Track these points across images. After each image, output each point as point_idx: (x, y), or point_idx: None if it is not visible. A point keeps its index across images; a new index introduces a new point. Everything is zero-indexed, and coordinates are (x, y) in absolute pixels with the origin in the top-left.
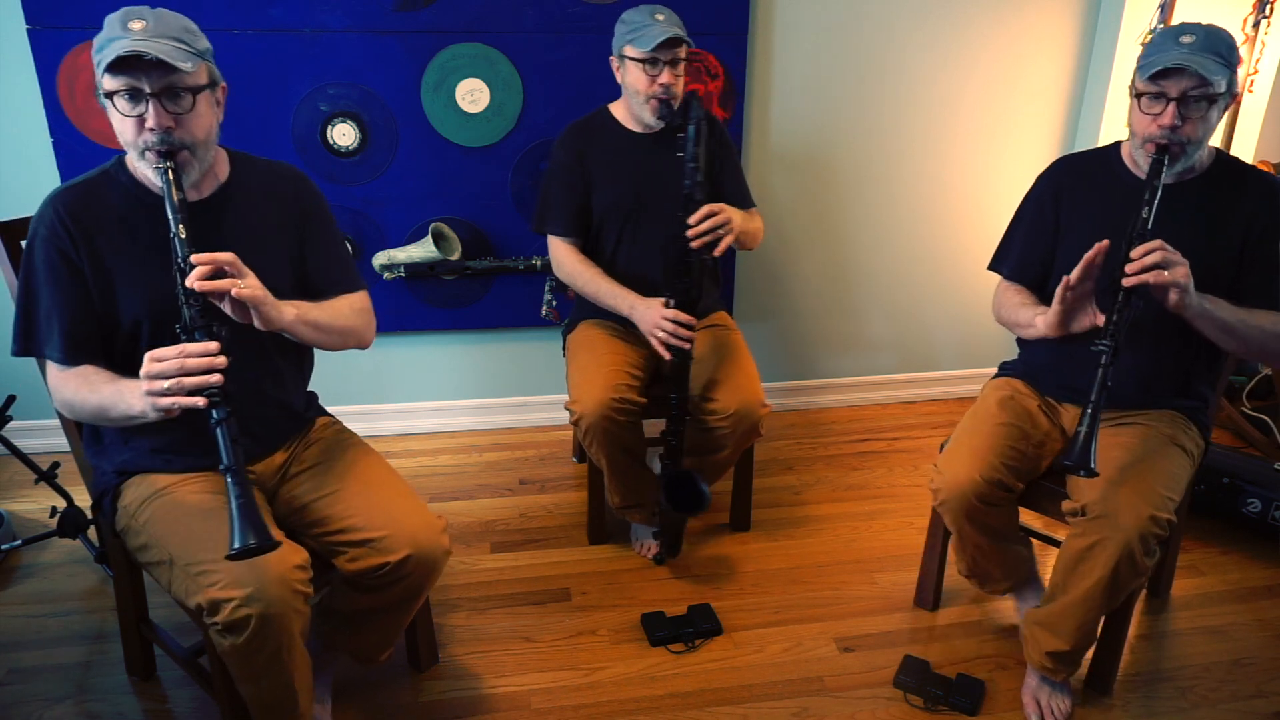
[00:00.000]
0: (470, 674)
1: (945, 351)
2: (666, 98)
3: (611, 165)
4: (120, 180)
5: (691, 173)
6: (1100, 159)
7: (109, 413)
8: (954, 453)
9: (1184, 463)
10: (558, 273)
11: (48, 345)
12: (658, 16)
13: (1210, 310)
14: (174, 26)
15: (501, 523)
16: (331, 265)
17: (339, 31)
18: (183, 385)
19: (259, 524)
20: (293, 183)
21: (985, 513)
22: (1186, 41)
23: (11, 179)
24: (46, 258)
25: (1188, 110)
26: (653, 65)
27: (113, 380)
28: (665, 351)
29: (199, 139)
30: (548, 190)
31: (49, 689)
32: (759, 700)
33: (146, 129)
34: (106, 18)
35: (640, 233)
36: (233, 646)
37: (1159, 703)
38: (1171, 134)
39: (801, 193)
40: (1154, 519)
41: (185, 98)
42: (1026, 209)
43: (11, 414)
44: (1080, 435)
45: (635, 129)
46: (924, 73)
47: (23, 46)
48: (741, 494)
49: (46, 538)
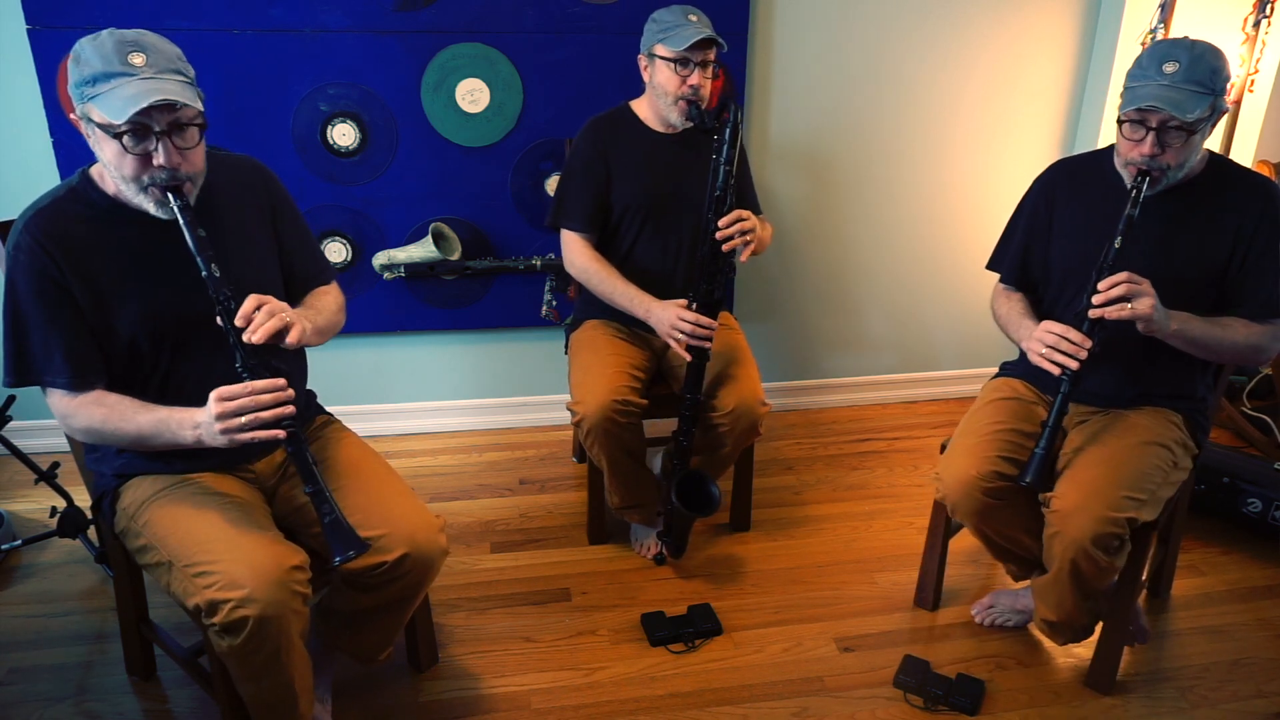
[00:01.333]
0: (470, 674)
1: (945, 351)
2: (695, 99)
3: (633, 163)
4: (90, 197)
5: (725, 175)
6: (1094, 163)
7: (149, 442)
8: (951, 454)
9: (1161, 462)
10: (569, 268)
11: (48, 373)
12: (691, 17)
13: (1182, 330)
14: (170, 57)
15: (501, 523)
16: (309, 258)
17: (339, 31)
18: (260, 420)
19: (350, 534)
20: (258, 175)
21: (996, 509)
22: (1169, 71)
23: (11, 179)
24: (32, 285)
25: (1168, 139)
26: (683, 65)
27: (148, 409)
28: (685, 353)
29: (199, 169)
30: (566, 184)
31: (49, 689)
32: (759, 700)
33: (155, 166)
34: (86, 42)
35: (657, 232)
36: (231, 647)
37: (1159, 703)
38: (1151, 161)
39: (801, 193)
40: (1108, 519)
41: (191, 131)
42: (1022, 211)
43: (11, 414)
44: (1035, 456)
45: (659, 128)
46: (924, 73)
47: (23, 46)
48: (741, 494)
49: (46, 538)
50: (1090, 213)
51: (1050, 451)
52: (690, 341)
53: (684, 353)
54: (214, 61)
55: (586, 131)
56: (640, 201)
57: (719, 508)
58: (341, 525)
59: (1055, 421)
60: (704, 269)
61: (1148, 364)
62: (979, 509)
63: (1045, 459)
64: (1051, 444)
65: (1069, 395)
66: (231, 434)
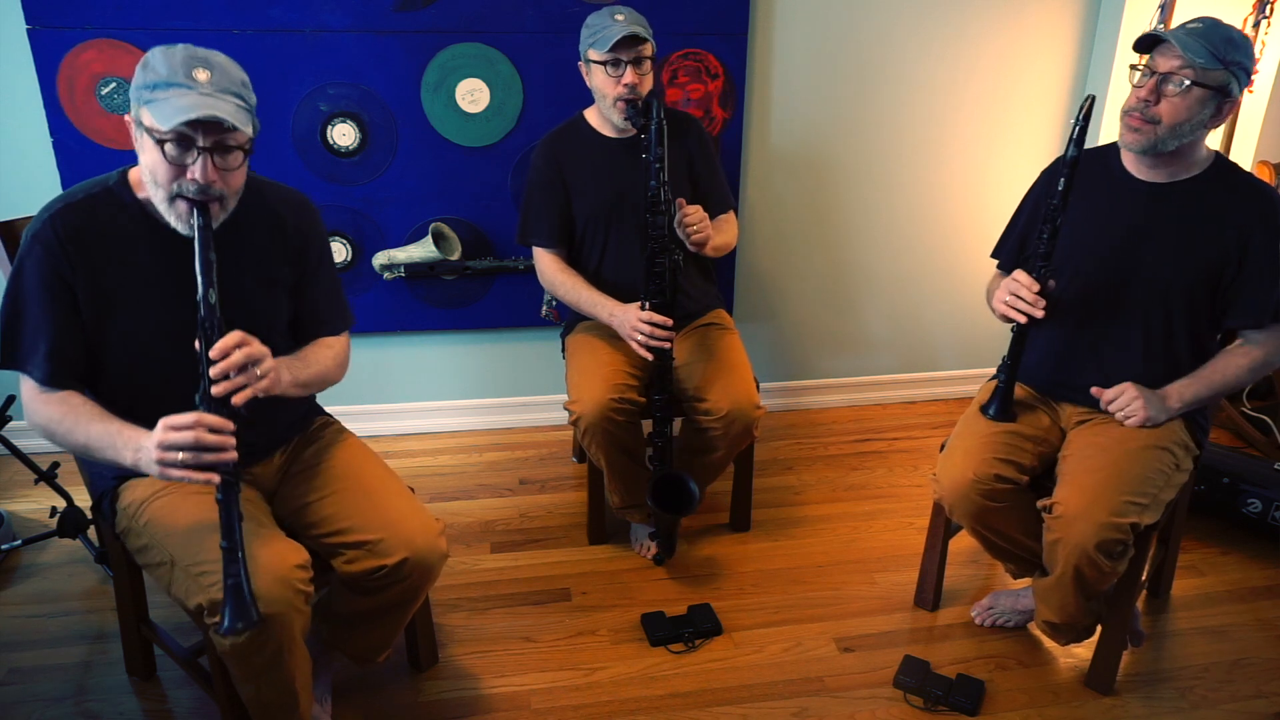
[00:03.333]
0: (470, 674)
1: (945, 351)
2: (632, 98)
3: (589, 172)
4: (124, 200)
5: (655, 173)
6: (1098, 156)
7: (93, 454)
8: (949, 456)
9: (1164, 465)
10: (541, 282)
11: (29, 362)
12: (617, 17)
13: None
14: (235, 80)
15: (501, 523)
16: (323, 304)
17: (339, 31)
18: (199, 460)
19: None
20: (296, 210)
21: (994, 510)
22: (1192, 26)
23: (11, 179)
24: (40, 276)
25: (1164, 88)
26: (615, 66)
27: (104, 419)
28: (646, 353)
29: (233, 192)
30: (529, 202)
31: (49, 689)
32: (759, 700)
33: (189, 178)
34: (159, 51)
35: (624, 238)
36: (233, 646)
37: (1159, 703)
38: (1144, 107)
39: (801, 193)
40: (1111, 525)
41: (235, 155)
42: (1026, 203)
43: (11, 414)
44: (999, 387)
45: (610, 134)
46: (924, 73)
47: (23, 46)
48: (741, 494)
49: (46, 538)
50: (1092, 204)
51: (1010, 386)
52: (650, 342)
53: (644, 353)
54: None
55: (541, 148)
56: (601, 209)
57: (697, 508)
58: (241, 591)
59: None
60: (650, 268)
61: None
62: (976, 511)
63: (1006, 393)
64: (1012, 379)
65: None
66: (165, 467)
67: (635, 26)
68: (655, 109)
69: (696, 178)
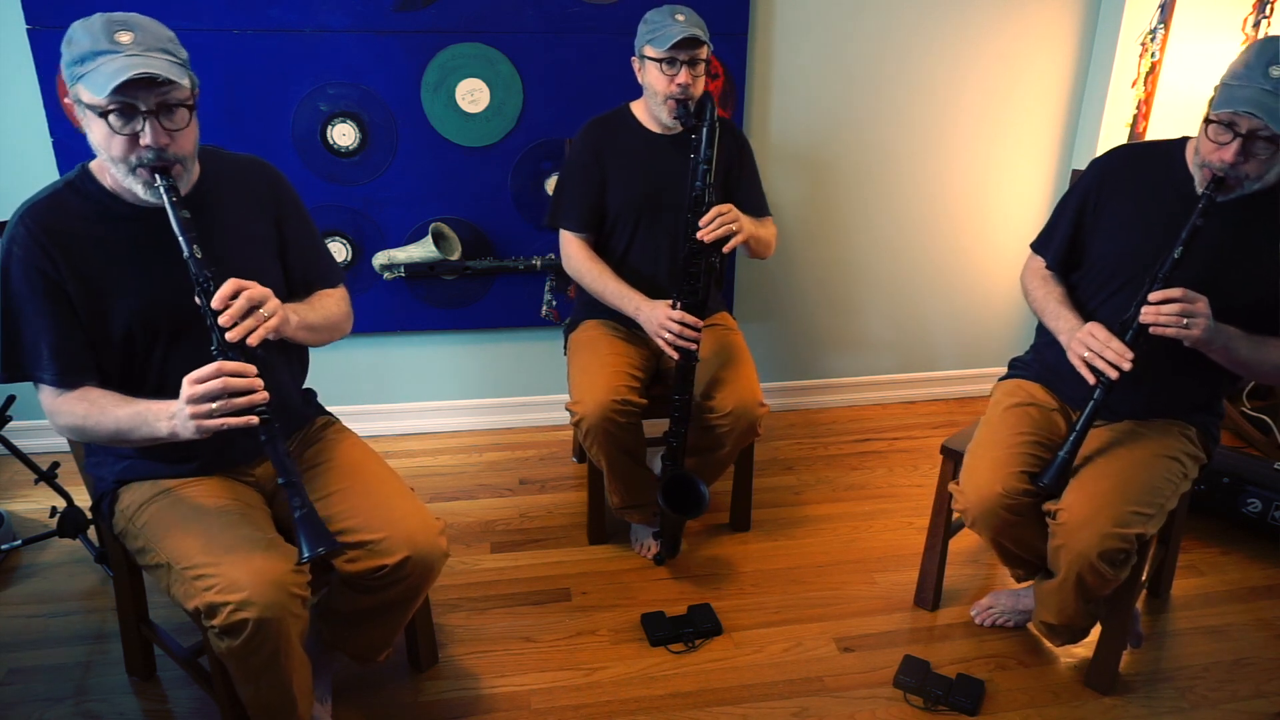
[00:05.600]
0: (470, 674)
1: (945, 351)
2: (684, 98)
3: (629, 163)
4: (88, 190)
5: (702, 174)
6: (1161, 153)
7: (128, 436)
8: (974, 466)
9: (1171, 475)
10: (565, 267)
11: (37, 367)
12: (678, 17)
13: (1229, 349)
14: (160, 37)
15: (501, 523)
16: (314, 259)
17: (339, 31)
18: (232, 405)
19: (322, 531)
20: (263, 173)
21: (1018, 524)
22: (1276, 75)
23: (11, 179)
24: (26, 279)
25: (1254, 148)
26: (670, 65)
27: (126, 402)
28: (672, 352)
29: (189, 152)
30: (563, 184)
31: (49, 689)
32: (759, 700)
33: (142, 146)
34: (78, 24)
35: (653, 233)
36: (230, 649)
37: (1159, 703)
38: (1231, 169)
39: (801, 193)
40: (1116, 535)
41: (180, 113)
42: (1073, 194)
43: (11, 414)
44: (1059, 459)
45: (654, 129)
46: (924, 73)
47: (23, 46)
48: (741, 494)
49: (46, 538)
50: (1147, 206)
51: (1074, 458)
52: (677, 341)
53: (671, 352)
54: (214, 61)
55: (584, 133)
56: (635, 202)
57: (707, 509)
58: (313, 520)
59: (1083, 429)
60: (685, 269)
61: (1176, 376)
62: (1001, 525)
63: (1067, 464)
64: (1076, 451)
65: (1100, 404)
66: (201, 420)
67: (695, 29)
68: (709, 111)
69: (732, 184)
